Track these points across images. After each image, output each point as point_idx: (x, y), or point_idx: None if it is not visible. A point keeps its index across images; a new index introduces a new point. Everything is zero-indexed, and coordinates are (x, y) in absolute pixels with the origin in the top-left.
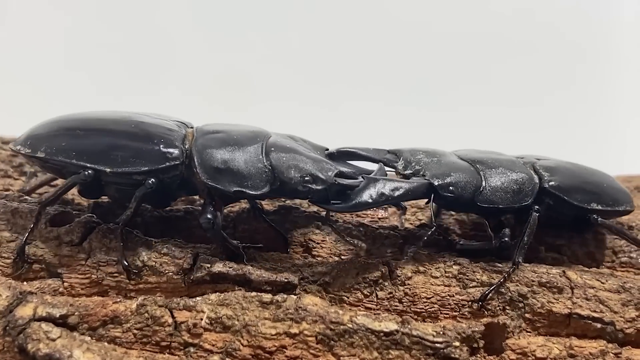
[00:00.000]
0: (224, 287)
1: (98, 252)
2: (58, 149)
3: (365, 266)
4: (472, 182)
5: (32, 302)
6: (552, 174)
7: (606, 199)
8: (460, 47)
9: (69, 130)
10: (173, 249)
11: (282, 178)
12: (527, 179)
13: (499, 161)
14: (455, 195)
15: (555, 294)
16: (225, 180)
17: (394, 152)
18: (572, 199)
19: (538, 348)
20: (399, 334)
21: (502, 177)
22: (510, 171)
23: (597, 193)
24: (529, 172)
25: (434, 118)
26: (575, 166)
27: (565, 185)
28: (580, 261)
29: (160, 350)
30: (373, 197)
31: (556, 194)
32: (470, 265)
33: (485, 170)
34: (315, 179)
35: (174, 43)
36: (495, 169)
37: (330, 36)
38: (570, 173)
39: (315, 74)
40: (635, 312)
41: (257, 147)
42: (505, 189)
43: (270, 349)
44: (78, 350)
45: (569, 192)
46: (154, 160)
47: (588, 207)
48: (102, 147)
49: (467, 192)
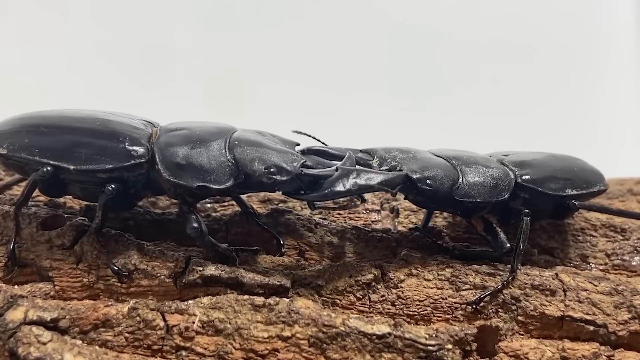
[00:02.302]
0: (216, 290)
1: (89, 256)
2: (21, 145)
3: (358, 269)
4: (449, 177)
5: (23, 306)
6: (523, 168)
7: (579, 183)
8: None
9: (32, 127)
10: (165, 252)
11: (246, 171)
12: (503, 174)
13: (474, 158)
14: (433, 189)
15: (548, 296)
16: (187, 176)
17: (367, 151)
18: (546, 189)
19: (531, 350)
20: (392, 336)
21: (479, 172)
22: (485, 167)
23: (569, 178)
24: (504, 167)
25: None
26: (543, 155)
27: (538, 176)
28: (573, 264)
29: (152, 353)
30: (346, 185)
31: (530, 186)
32: (463, 268)
33: (462, 166)
34: (280, 169)
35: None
36: (471, 165)
37: (328, 39)
38: (540, 164)
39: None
40: (628, 314)
41: (220, 141)
42: (482, 184)
43: (262, 352)
44: (69, 354)
45: (542, 183)
46: (119, 158)
47: (564, 195)
48: (66, 144)
49: (444, 186)
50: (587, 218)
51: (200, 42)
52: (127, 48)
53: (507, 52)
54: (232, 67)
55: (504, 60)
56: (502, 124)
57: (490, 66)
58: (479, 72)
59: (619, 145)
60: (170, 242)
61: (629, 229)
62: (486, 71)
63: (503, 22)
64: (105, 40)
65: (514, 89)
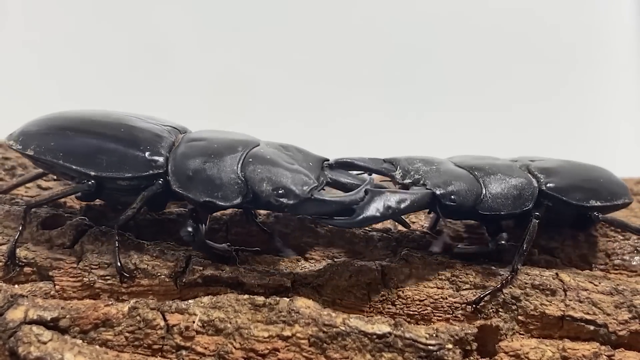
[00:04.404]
0: (216, 289)
1: (90, 255)
2: (47, 148)
3: (359, 269)
4: (472, 190)
5: (23, 305)
6: (549, 175)
7: (604, 194)
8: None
9: (58, 129)
10: (165, 252)
11: (254, 190)
12: (526, 183)
13: (497, 167)
14: (457, 205)
15: (548, 296)
16: (195, 189)
17: (390, 161)
18: (571, 198)
19: (531, 350)
20: (392, 336)
21: (502, 183)
22: (508, 177)
23: (595, 189)
24: (527, 175)
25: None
26: (570, 164)
27: (563, 185)
28: (573, 263)
29: (152, 353)
30: (380, 210)
31: (555, 195)
32: (463, 268)
33: (484, 177)
34: (288, 192)
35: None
36: (493, 175)
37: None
38: (566, 172)
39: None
40: (628, 314)
41: (235, 157)
42: (506, 195)
43: (262, 352)
44: (69, 353)
45: (567, 192)
46: (138, 167)
47: (587, 205)
48: (89, 149)
49: (468, 201)
50: None
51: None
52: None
53: (507, 52)
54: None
55: (504, 60)
56: (502, 124)
57: (490, 66)
58: (478, 72)
59: (619, 145)
60: (171, 241)
61: None
62: (486, 71)
63: (503, 22)
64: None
65: (514, 89)
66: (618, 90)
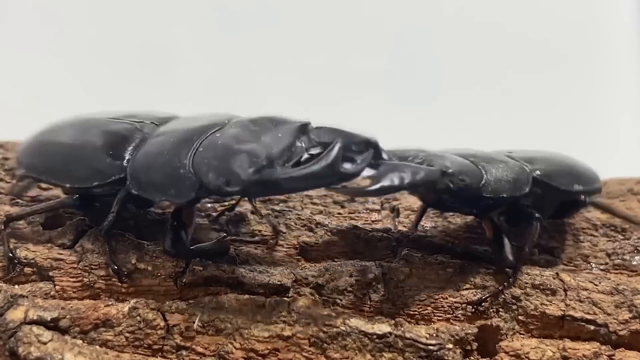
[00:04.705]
0: (216, 290)
1: (90, 255)
2: (31, 166)
3: (359, 269)
4: (476, 173)
5: (23, 306)
6: (533, 163)
7: (584, 179)
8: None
9: (40, 145)
10: None
11: (203, 182)
12: (520, 168)
13: (489, 155)
14: (466, 184)
15: (548, 296)
16: (151, 189)
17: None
18: (559, 184)
19: (531, 350)
20: (392, 336)
21: (499, 168)
22: (503, 163)
23: (575, 174)
24: (518, 163)
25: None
26: (546, 153)
27: (550, 171)
28: (573, 263)
29: (153, 353)
30: (395, 181)
31: (545, 181)
32: (463, 268)
33: (482, 163)
34: (232, 179)
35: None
36: (490, 162)
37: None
38: (547, 160)
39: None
40: (629, 313)
41: (188, 149)
42: (506, 179)
43: (262, 352)
44: (69, 353)
45: (555, 178)
46: (102, 175)
47: (573, 190)
48: (60, 162)
49: (474, 182)
50: (588, 218)
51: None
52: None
53: (507, 52)
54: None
55: (504, 60)
56: (502, 124)
57: (490, 66)
58: (479, 71)
59: (619, 145)
60: None
61: (630, 229)
62: (486, 71)
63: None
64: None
65: (514, 89)
66: (618, 89)
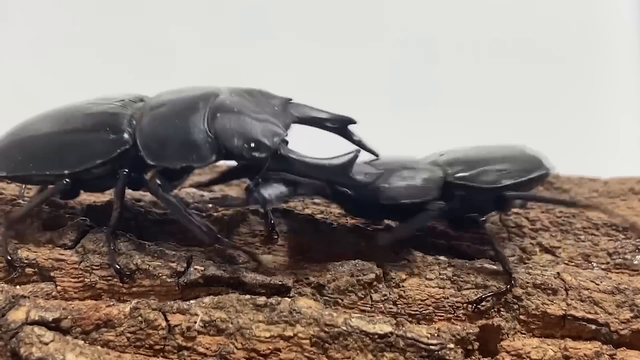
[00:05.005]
0: (217, 290)
1: (91, 256)
2: (16, 163)
3: (360, 268)
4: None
5: (25, 306)
6: (454, 166)
7: (516, 172)
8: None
9: (19, 142)
10: (166, 252)
11: (226, 146)
12: (429, 173)
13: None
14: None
15: (549, 295)
16: (170, 157)
17: None
18: (480, 183)
19: (533, 350)
20: (394, 336)
21: (401, 175)
22: (410, 169)
23: (504, 169)
24: (432, 168)
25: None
26: (476, 149)
27: (470, 171)
28: (574, 263)
29: (154, 353)
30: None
31: (464, 183)
32: (464, 267)
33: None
34: (259, 145)
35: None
36: (394, 170)
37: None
38: (472, 158)
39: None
40: (630, 313)
41: (200, 114)
42: (407, 185)
43: (264, 352)
44: (71, 354)
45: (475, 178)
46: (106, 151)
47: (499, 186)
48: (54, 150)
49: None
50: (589, 217)
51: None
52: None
53: (507, 52)
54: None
55: (505, 59)
56: (502, 123)
57: (491, 65)
58: (479, 71)
59: (620, 144)
60: (172, 242)
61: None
62: (486, 71)
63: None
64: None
65: (515, 88)
66: (619, 89)
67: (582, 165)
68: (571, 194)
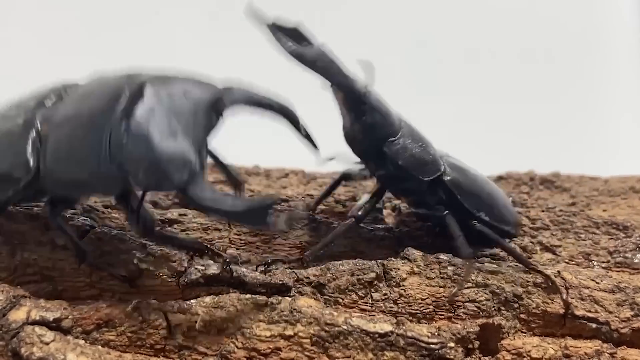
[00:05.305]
0: (218, 289)
1: (92, 256)
2: None
3: (360, 267)
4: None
5: (26, 306)
6: (458, 173)
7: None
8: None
9: None
10: (167, 252)
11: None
12: (436, 157)
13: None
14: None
15: (550, 294)
16: (71, 189)
17: None
18: (465, 201)
19: (533, 348)
20: (394, 335)
21: (416, 145)
22: (426, 145)
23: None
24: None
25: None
26: (480, 175)
27: (466, 186)
28: (575, 261)
29: (155, 353)
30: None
31: (453, 191)
32: (465, 266)
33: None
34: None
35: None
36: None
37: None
38: (473, 178)
39: None
40: (630, 311)
41: (102, 140)
42: (415, 158)
43: (265, 351)
44: (72, 353)
45: (466, 194)
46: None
47: (476, 214)
48: None
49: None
50: (589, 216)
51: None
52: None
53: (507, 52)
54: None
55: (505, 59)
56: (504, 122)
57: (491, 65)
58: (479, 71)
59: (621, 143)
60: None
61: (631, 227)
62: (486, 70)
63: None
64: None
65: (515, 86)
66: (619, 88)
67: (583, 164)
68: (572, 193)
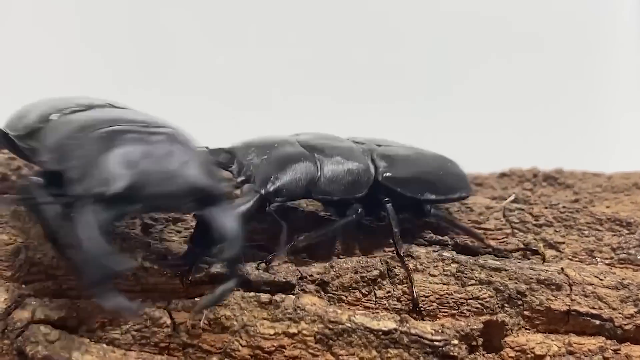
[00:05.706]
0: None
1: None
2: None
3: (364, 265)
4: (306, 176)
5: (31, 305)
6: (389, 165)
7: (441, 188)
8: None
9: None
10: (171, 250)
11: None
12: (363, 170)
13: (338, 149)
14: (286, 198)
15: (553, 291)
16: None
17: (229, 151)
18: (406, 190)
19: (537, 345)
20: (398, 332)
21: (339, 167)
22: (346, 161)
23: (432, 182)
24: (366, 162)
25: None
26: (414, 153)
27: (401, 176)
28: (578, 258)
29: (159, 351)
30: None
31: (389, 186)
32: (468, 264)
33: (322, 160)
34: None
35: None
36: (331, 158)
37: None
38: (408, 162)
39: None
40: (634, 308)
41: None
42: (341, 181)
43: (269, 349)
44: (77, 352)
45: (403, 184)
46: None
47: (422, 198)
48: None
49: (299, 189)
50: (593, 212)
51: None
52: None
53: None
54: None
55: (504, 58)
56: (503, 121)
57: (490, 64)
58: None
59: (624, 139)
60: (177, 240)
61: (635, 223)
62: (486, 69)
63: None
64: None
65: (516, 85)
66: (622, 83)
67: (586, 160)
68: (575, 189)
